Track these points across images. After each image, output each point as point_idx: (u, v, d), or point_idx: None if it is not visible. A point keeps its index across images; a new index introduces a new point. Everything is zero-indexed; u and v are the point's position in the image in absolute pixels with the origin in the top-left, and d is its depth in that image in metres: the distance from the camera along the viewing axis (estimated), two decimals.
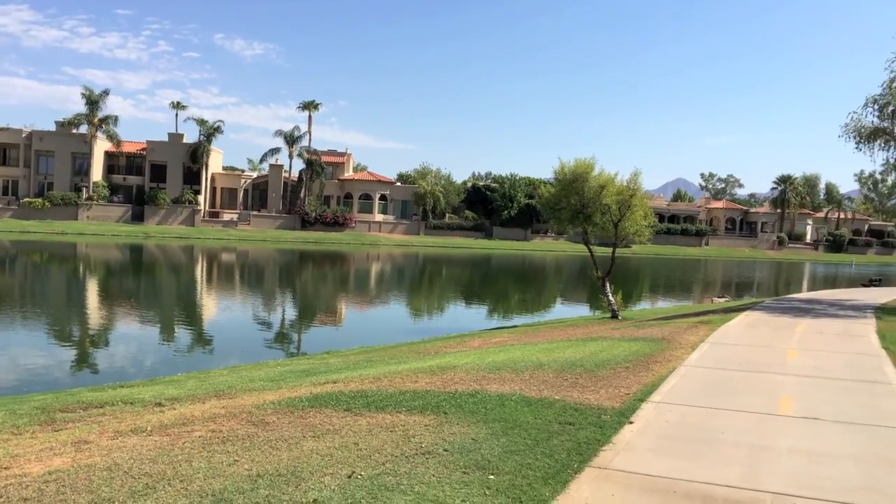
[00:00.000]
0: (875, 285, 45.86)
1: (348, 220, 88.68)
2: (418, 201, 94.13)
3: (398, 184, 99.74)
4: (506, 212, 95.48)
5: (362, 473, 5.80)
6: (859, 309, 22.08)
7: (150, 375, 15.60)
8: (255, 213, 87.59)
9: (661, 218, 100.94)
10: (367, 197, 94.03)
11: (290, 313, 31.48)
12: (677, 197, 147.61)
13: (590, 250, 27.38)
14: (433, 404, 8.28)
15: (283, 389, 10.48)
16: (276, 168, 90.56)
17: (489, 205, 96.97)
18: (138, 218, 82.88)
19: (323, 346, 20.97)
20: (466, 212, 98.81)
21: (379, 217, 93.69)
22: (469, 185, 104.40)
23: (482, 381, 9.89)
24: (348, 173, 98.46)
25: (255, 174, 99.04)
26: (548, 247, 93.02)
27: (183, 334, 23.73)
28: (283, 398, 9.13)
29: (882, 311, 21.45)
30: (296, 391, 9.91)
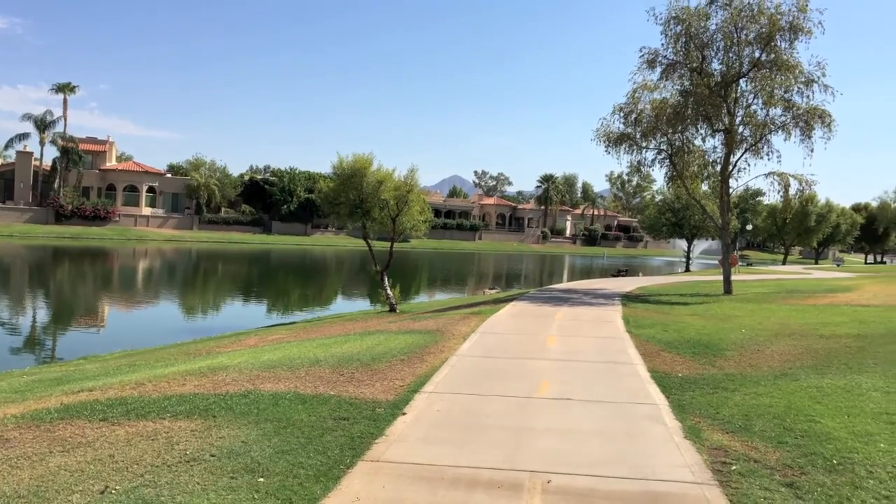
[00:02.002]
0: (623, 275, 50.97)
1: (111, 214, 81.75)
2: (191, 194, 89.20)
3: (169, 175, 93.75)
4: (285, 206, 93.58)
5: (117, 488, 5.39)
6: (609, 297, 24.42)
7: None
8: None
9: (437, 213, 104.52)
10: (133, 189, 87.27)
11: (42, 316, 28.44)
12: (453, 193, 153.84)
13: (368, 245, 27.68)
14: (201, 408, 7.90)
15: (28, 401, 9.45)
16: (25, 155, 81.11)
17: (268, 199, 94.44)
18: None
19: (80, 351, 19.22)
20: (244, 206, 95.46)
21: (147, 210, 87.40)
22: (247, 178, 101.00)
23: (256, 380, 9.61)
24: (111, 163, 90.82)
25: None
26: (328, 241, 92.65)
27: None
28: (27, 411, 8.23)
29: (627, 299, 23.90)
30: (44, 402, 8.98)
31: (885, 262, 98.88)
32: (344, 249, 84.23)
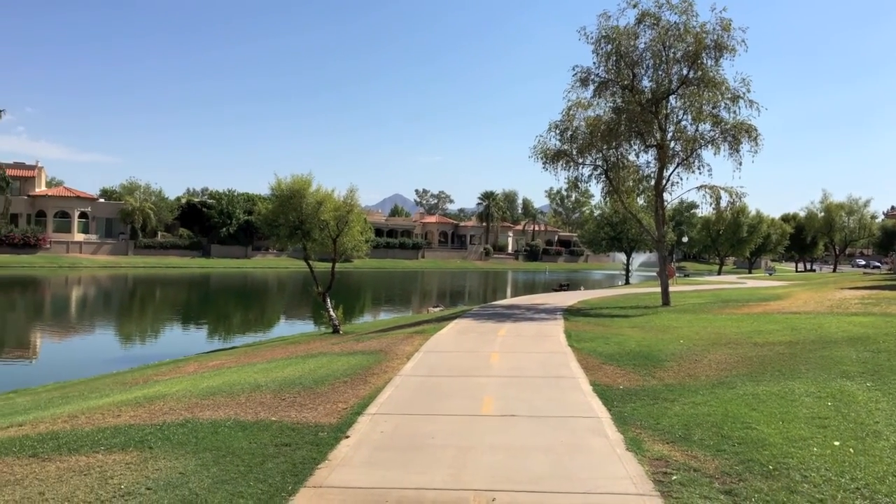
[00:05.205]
0: (564, 289, 51.55)
1: (42, 241, 79.04)
2: (126, 219, 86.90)
3: (101, 200, 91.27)
4: (224, 229, 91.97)
5: None
6: (551, 312, 24.67)
7: None
8: None
9: (379, 232, 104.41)
10: (64, 215, 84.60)
11: None
12: (395, 212, 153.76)
13: (309, 266, 27.41)
14: (137, 439, 7.66)
15: None
16: None
17: (206, 222, 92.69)
18: None
19: (10, 384, 18.48)
20: (181, 229, 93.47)
21: (80, 237, 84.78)
22: (184, 201, 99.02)
23: (194, 408, 9.38)
24: (40, 188, 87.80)
25: None
26: (269, 263, 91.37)
27: None
28: None
29: (568, 313, 24.18)
30: None
31: (814, 270, 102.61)
32: (285, 271, 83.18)
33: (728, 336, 16.16)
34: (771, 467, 6.48)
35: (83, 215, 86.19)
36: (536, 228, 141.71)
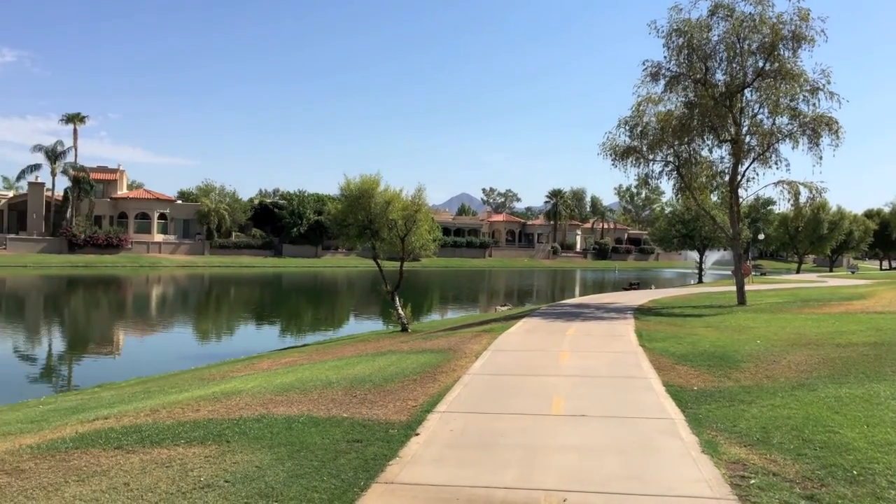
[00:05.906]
0: (634, 288, 50.68)
1: (124, 242, 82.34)
2: (202, 220, 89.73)
3: (179, 202, 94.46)
4: (295, 229, 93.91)
5: None
6: (621, 311, 24.28)
7: None
8: (12, 236, 78.45)
9: (447, 231, 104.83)
10: (144, 216, 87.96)
11: (58, 346, 28.61)
12: (462, 211, 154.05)
13: (378, 265, 27.72)
14: (215, 433, 7.90)
15: (44, 431, 9.49)
16: (37, 186, 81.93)
17: (278, 222, 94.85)
18: None
19: (95, 379, 19.32)
20: (254, 230, 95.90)
21: (159, 237, 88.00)
22: (256, 202, 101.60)
23: (269, 404, 9.61)
24: (122, 191, 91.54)
25: (10, 194, 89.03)
26: (339, 263, 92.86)
27: None
28: (43, 441, 8.26)
29: (639, 312, 23.75)
30: (59, 431, 9.02)
31: None
32: (354, 270, 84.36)
33: (808, 336, 15.60)
34: (855, 472, 6.23)
35: (162, 216, 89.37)
36: (605, 226, 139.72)
